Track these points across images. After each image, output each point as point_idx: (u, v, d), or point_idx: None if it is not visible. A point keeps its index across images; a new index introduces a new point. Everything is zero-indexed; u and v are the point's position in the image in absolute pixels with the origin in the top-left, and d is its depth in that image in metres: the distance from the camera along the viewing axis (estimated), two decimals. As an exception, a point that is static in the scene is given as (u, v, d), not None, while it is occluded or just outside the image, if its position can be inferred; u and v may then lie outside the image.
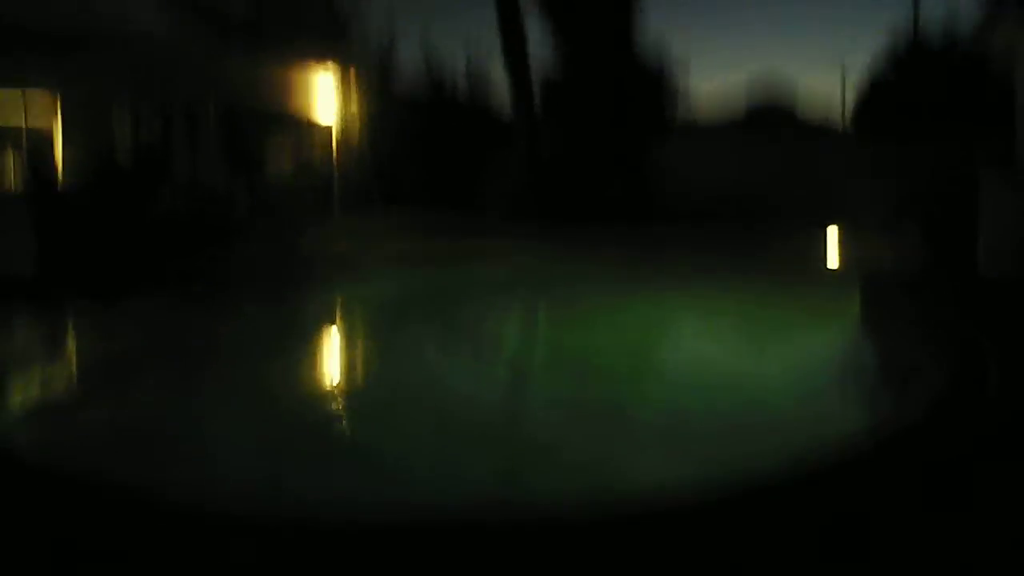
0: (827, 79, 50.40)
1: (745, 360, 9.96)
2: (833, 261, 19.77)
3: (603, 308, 12.89)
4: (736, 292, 13.93)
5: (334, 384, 9.19)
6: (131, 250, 13.90)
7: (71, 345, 10.73)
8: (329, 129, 22.57)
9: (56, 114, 18.22)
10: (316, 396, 8.47)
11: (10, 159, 18.26)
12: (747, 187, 24.20)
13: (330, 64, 22.92)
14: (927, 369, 8.11)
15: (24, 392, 8.39)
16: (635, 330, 11.63)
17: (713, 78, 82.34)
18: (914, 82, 29.50)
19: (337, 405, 8.21)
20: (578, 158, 25.60)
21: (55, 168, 17.62)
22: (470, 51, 29.36)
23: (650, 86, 29.09)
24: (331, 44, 25.93)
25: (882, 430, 6.34)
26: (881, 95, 32.39)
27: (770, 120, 31.29)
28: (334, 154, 22.58)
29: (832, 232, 20.82)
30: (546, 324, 13.45)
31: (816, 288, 15.46)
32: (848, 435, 6.03)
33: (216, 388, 8.45)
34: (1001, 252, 12.64)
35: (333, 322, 12.99)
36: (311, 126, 22.63)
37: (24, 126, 18.03)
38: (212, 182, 18.93)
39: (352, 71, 24.27)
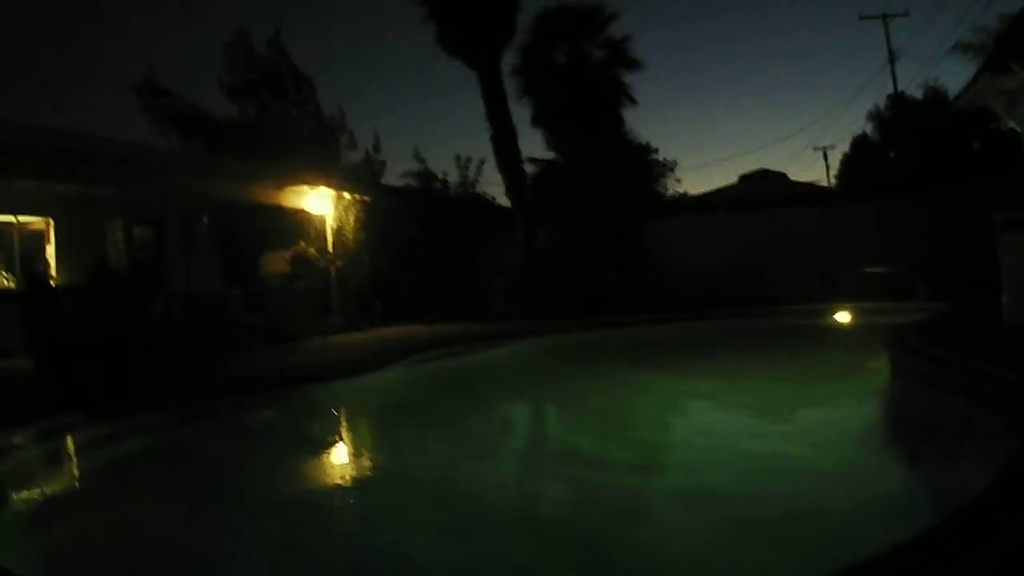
0: (815, 148, 51.05)
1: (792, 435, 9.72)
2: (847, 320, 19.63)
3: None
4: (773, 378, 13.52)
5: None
6: (122, 359, 13.38)
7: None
8: (324, 235, 22.34)
9: (50, 228, 18.16)
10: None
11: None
12: (746, 262, 24.05)
13: (323, 173, 22.77)
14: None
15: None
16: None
17: (703, 160, 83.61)
18: (902, 142, 29.62)
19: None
20: (574, 250, 25.35)
21: (49, 274, 17.41)
22: (463, 153, 29.34)
23: (642, 175, 29.18)
24: (323, 153, 25.98)
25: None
26: (870, 157, 32.49)
27: (762, 194, 31.28)
28: (330, 260, 22.28)
29: (842, 310, 20.54)
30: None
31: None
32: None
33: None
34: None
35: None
36: (306, 234, 22.35)
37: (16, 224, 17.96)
38: (206, 291, 18.56)
39: (345, 179, 24.18)
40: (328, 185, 22.35)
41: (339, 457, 10.27)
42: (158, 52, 59.23)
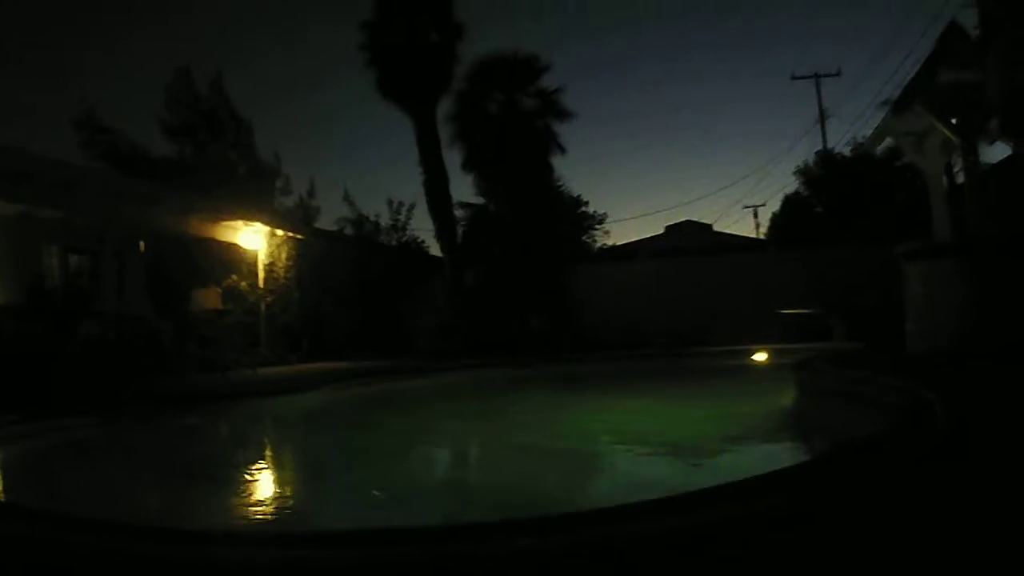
0: (745, 207, 52.07)
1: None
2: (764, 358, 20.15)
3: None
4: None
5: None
6: (57, 375, 13.68)
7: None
8: (256, 271, 22.71)
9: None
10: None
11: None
12: (669, 307, 24.69)
13: (257, 209, 23.15)
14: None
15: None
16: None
17: (632, 212, 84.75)
18: (827, 193, 30.51)
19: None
20: (502, 292, 25.93)
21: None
22: (395, 196, 29.70)
23: (570, 224, 29.82)
24: (258, 196, 26.31)
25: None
26: (798, 213, 33.32)
27: (686, 242, 32.02)
28: (261, 296, 22.64)
29: (760, 351, 21.03)
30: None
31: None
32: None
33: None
34: (924, 331, 13.07)
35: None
36: (239, 268, 22.72)
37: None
38: (139, 316, 18.76)
39: (279, 218, 24.55)
40: (262, 221, 22.74)
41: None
42: (99, 89, 59.46)
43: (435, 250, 28.11)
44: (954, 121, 13.85)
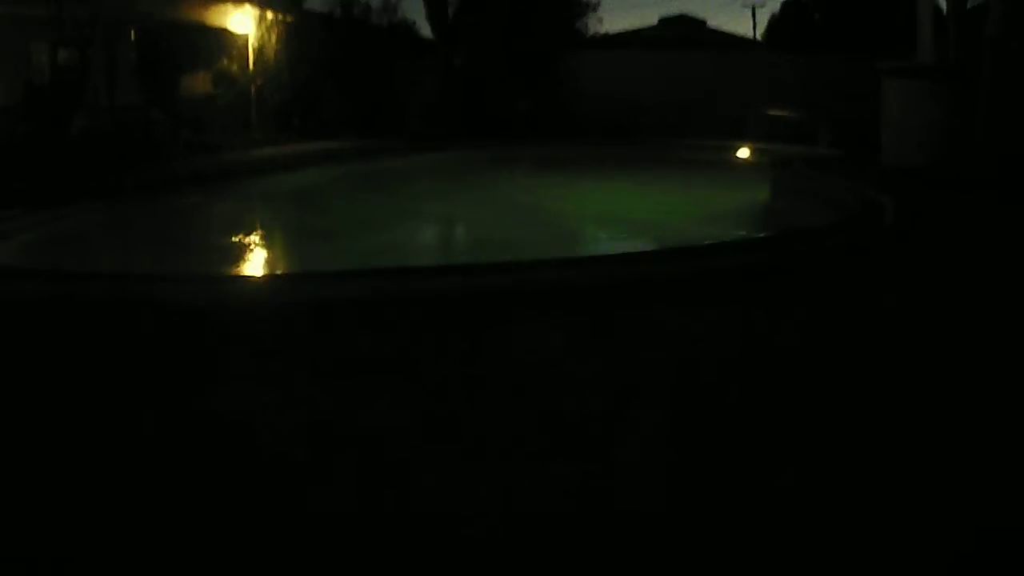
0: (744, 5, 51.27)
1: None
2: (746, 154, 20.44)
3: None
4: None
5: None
6: (54, 170, 14.06)
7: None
8: (246, 55, 22.70)
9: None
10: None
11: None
12: (661, 98, 24.73)
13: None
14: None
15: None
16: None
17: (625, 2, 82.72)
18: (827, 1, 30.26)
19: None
20: (491, 74, 25.97)
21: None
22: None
23: (562, 7, 29.50)
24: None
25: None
26: (795, 14, 33.05)
27: (679, 37, 31.82)
28: (251, 79, 22.70)
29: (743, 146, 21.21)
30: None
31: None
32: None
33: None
34: (895, 147, 13.58)
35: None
36: (229, 53, 22.76)
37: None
38: (131, 106, 19.00)
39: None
40: (251, 2, 22.62)
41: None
42: None
43: (426, 31, 27.96)
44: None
